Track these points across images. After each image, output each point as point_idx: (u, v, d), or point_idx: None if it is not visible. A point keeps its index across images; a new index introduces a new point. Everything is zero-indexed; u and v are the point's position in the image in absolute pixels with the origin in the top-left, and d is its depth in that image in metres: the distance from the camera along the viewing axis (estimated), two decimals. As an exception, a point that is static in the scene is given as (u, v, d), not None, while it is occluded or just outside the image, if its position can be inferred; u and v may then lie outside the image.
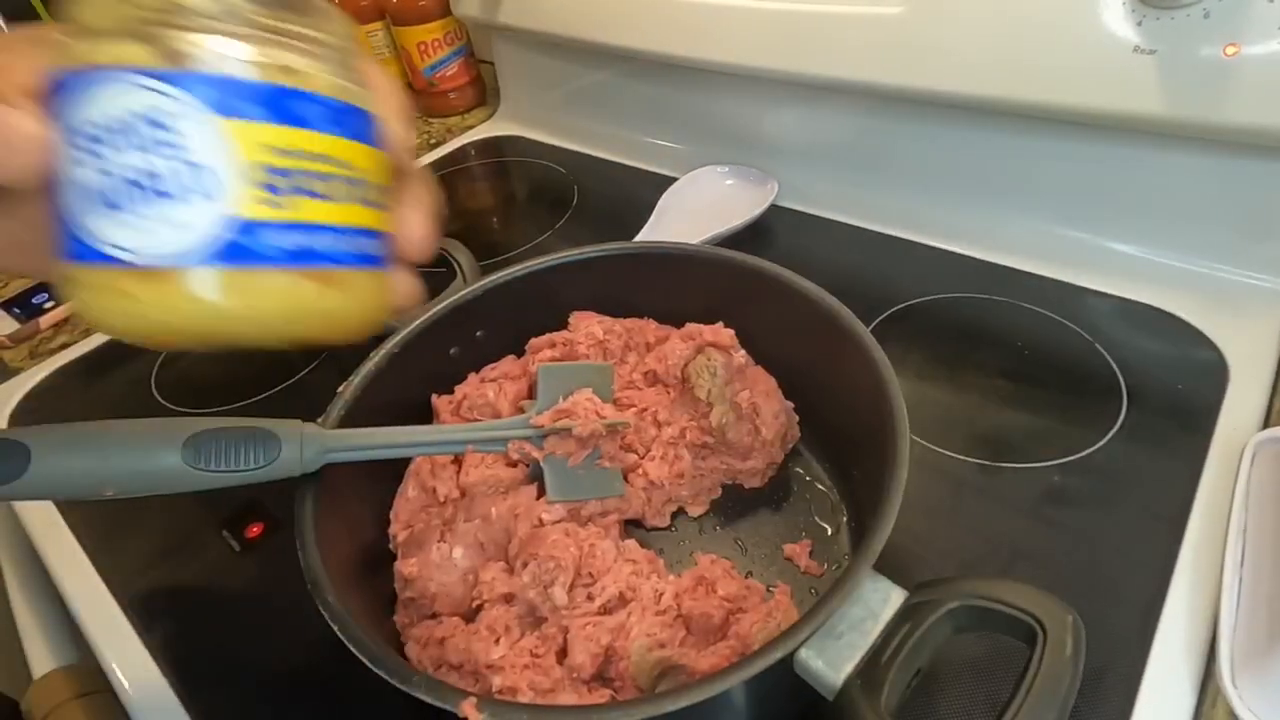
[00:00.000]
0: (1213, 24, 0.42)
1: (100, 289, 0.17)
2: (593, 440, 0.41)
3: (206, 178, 0.16)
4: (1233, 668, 0.32)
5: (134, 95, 0.16)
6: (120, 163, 0.16)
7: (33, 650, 0.56)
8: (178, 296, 0.17)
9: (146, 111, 0.16)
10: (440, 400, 0.46)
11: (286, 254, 0.17)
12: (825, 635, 0.28)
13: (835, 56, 0.58)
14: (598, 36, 0.72)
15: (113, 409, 0.59)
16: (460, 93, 0.95)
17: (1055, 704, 0.25)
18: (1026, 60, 0.50)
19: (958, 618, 0.29)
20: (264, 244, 0.17)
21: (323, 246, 0.18)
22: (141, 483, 0.32)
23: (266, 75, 0.17)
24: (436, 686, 0.28)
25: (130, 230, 0.16)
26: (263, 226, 0.17)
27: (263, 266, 0.17)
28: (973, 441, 0.46)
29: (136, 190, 0.16)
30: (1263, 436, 0.40)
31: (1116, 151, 0.52)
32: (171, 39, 0.16)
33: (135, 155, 0.16)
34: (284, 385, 0.58)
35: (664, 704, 0.26)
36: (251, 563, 0.46)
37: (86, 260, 0.17)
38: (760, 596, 0.37)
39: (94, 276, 0.17)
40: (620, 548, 0.40)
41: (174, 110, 0.16)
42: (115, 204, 0.16)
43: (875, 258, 0.62)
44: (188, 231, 0.16)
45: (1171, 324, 0.51)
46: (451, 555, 0.39)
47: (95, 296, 0.17)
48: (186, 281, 0.17)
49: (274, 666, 0.41)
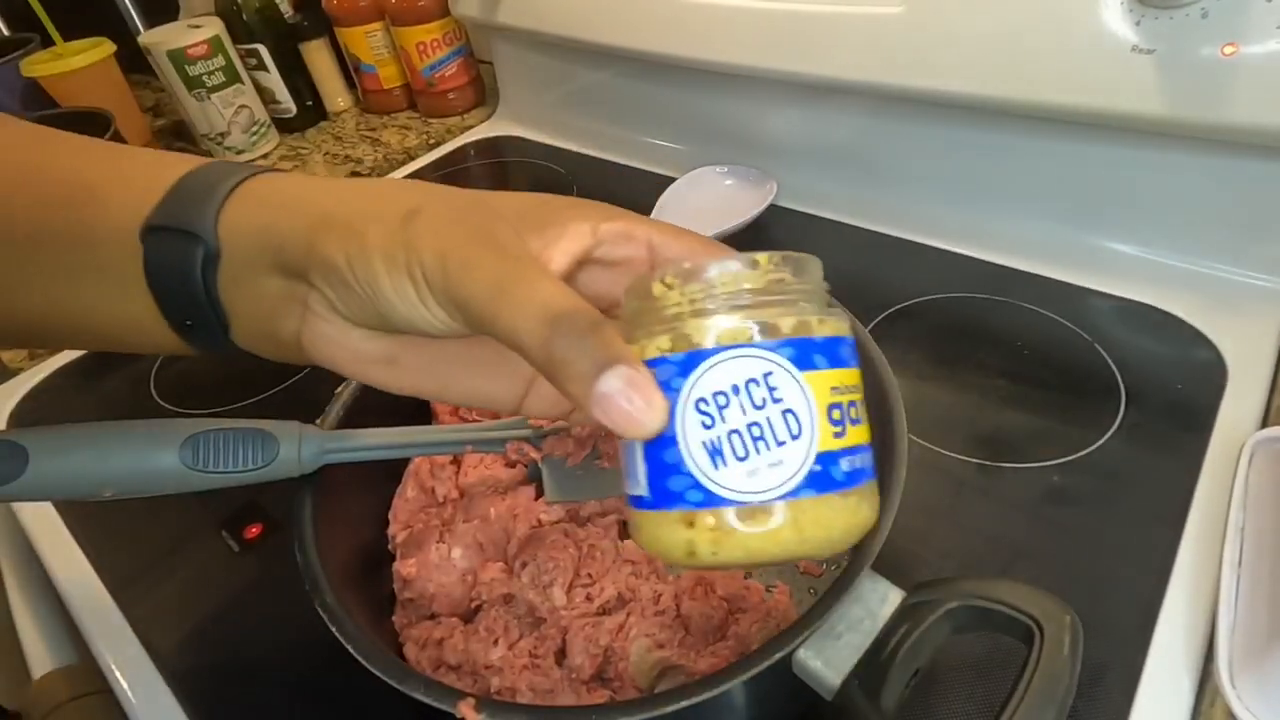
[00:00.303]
0: (1211, 23, 0.42)
1: (709, 531, 0.20)
2: (591, 440, 0.41)
3: (798, 422, 0.20)
4: (1231, 667, 0.32)
5: (745, 366, 0.20)
6: (732, 421, 0.20)
7: (31, 651, 0.56)
8: (779, 525, 0.20)
9: (753, 375, 0.20)
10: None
11: (848, 476, 0.21)
12: (824, 635, 0.28)
13: (835, 56, 0.58)
14: (597, 36, 0.72)
15: (112, 409, 0.59)
16: (459, 93, 0.95)
17: (1053, 704, 0.25)
18: (1025, 60, 0.50)
19: (956, 618, 0.29)
20: (835, 471, 0.21)
21: (863, 463, 0.22)
22: (140, 483, 0.32)
23: (820, 330, 0.21)
24: (434, 687, 0.28)
25: (742, 474, 0.20)
26: (834, 455, 0.21)
27: (834, 492, 0.21)
28: (972, 441, 0.46)
29: (748, 441, 0.20)
30: (1261, 436, 0.40)
31: (1116, 151, 0.52)
32: (764, 315, 0.20)
33: (745, 414, 0.20)
34: (282, 386, 0.58)
35: (663, 704, 0.26)
36: (250, 563, 0.46)
37: (706, 506, 0.20)
38: (759, 597, 0.37)
39: (707, 519, 0.20)
40: (619, 548, 0.40)
41: (773, 371, 0.20)
42: (726, 456, 0.20)
43: (875, 258, 0.62)
44: (786, 469, 0.20)
45: (1171, 324, 0.51)
46: (450, 556, 0.39)
47: (700, 536, 0.20)
48: (785, 513, 0.20)
49: (272, 667, 0.41)
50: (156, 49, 0.84)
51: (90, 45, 0.94)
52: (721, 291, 0.21)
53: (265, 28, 0.91)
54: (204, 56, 0.85)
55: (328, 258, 0.23)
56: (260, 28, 0.90)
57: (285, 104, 0.96)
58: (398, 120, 0.98)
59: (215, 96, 0.88)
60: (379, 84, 0.97)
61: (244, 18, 0.89)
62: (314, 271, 0.24)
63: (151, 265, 0.26)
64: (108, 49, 0.94)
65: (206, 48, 0.85)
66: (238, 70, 0.89)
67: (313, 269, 0.24)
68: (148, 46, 0.85)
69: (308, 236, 0.24)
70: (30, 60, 0.92)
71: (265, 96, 0.94)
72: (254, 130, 0.92)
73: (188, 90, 0.87)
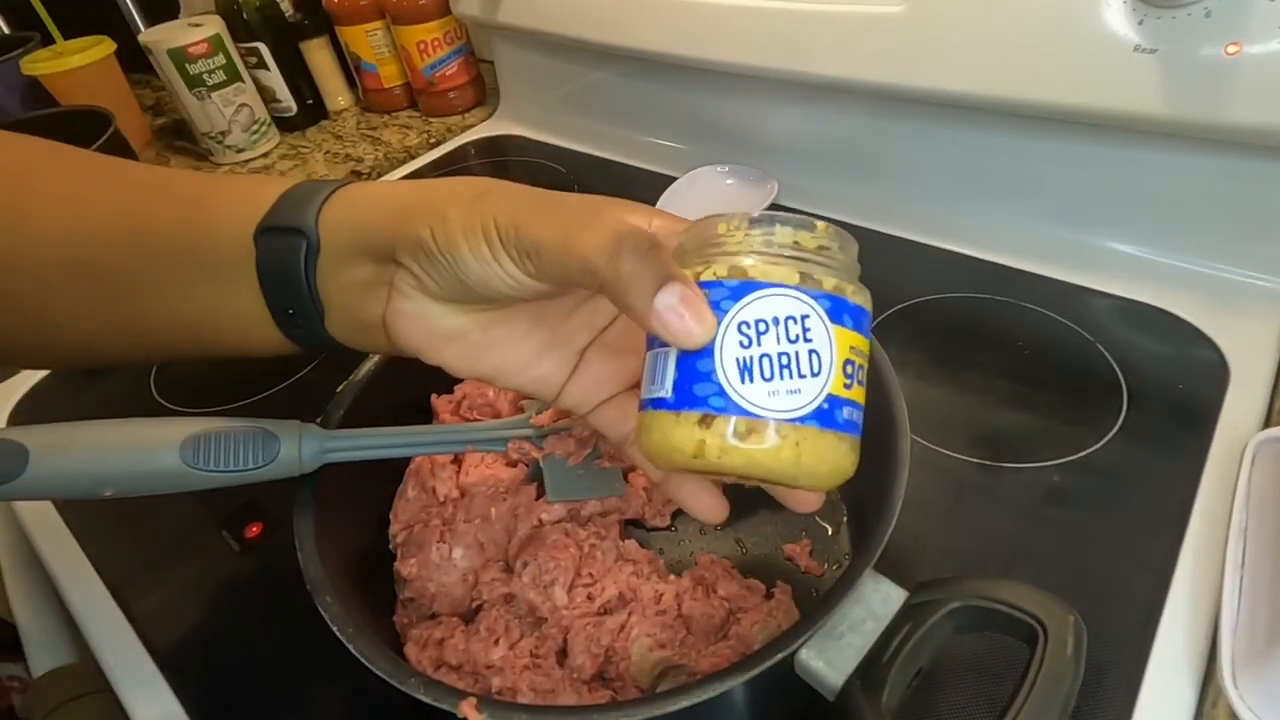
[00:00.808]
0: (1214, 23, 0.42)
1: (721, 434, 0.23)
2: (592, 440, 0.41)
3: (820, 363, 0.23)
4: (1233, 667, 0.32)
5: (788, 304, 0.23)
6: (766, 346, 0.23)
7: (32, 650, 0.56)
8: (780, 443, 0.23)
9: (792, 314, 0.23)
10: (440, 400, 0.46)
11: (847, 423, 0.24)
12: (826, 635, 0.28)
13: (835, 56, 0.58)
14: (598, 36, 0.72)
15: (112, 409, 0.59)
16: (460, 92, 0.95)
17: (1056, 704, 0.25)
18: (1027, 60, 0.49)
19: (958, 618, 0.29)
20: (839, 414, 0.24)
21: (857, 419, 0.25)
22: (140, 483, 0.32)
23: (853, 298, 0.24)
24: (435, 687, 0.28)
25: (763, 392, 0.23)
26: (841, 401, 0.24)
27: (833, 430, 0.24)
28: (973, 441, 0.46)
29: (776, 366, 0.23)
30: (1263, 436, 0.40)
31: (1117, 151, 0.52)
32: (811, 269, 0.24)
33: (779, 343, 0.23)
34: (283, 385, 0.58)
35: (664, 704, 0.26)
36: (251, 563, 0.46)
37: (725, 412, 0.23)
38: (761, 597, 0.37)
39: (722, 424, 0.23)
40: (620, 548, 0.40)
41: (810, 315, 0.23)
42: (755, 374, 0.23)
43: (875, 257, 0.61)
44: (801, 398, 0.23)
45: (1172, 324, 0.51)
46: (451, 555, 0.39)
47: (712, 437, 0.23)
48: (790, 434, 0.23)
49: (273, 667, 0.41)
50: (157, 47, 0.84)
51: (90, 44, 0.94)
52: (779, 241, 0.24)
53: (266, 26, 0.90)
54: (204, 55, 0.85)
55: (413, 233, 0.26)
56: (261, 26, 0.90)
57: (286, 103, 0.96)
58: (398, 119, 0.98)
59: (216, 95, 0.88)
60: (379, 83, 0.97)
61: (244, 16, 0.89)
62: (401, 249, 0.27)
63: (262, 262, 0.30)
64: (108, 47, 0.94)
65: (207, 46, 0.85)
66: (238, 69, 0.89)
67: (400, 247, 0.27)
68: (148, 45, 0.85)
69: (394, 220, 0.27)
70: (30, 59, 0.92)
71: (266, 95, 0.94)
72: (254, 129, 0.92)
73: (188, 89, 0.86)
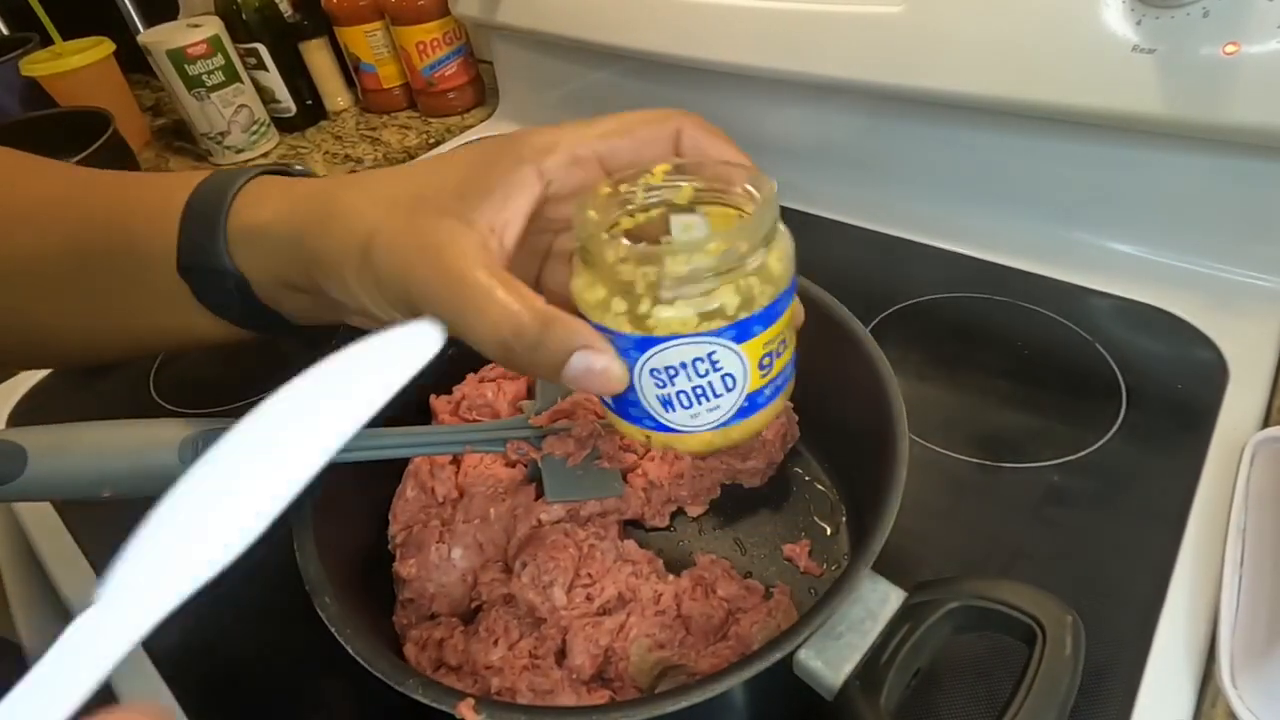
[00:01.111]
0: (1212, 23, 0.42)
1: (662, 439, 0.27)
2: (591, 440, 0.41)
3: (733, 380, 0.25)
4: (1233, 668, 0.32)
5: (691, 350, 0.24)
6: (680, 385, 0.25)
7: (32, 650, 0.56)
8: (707, 441, 0.27)
9: (699, 355, 0.24)
10: (438, 401, 0.46)
11: (768, 398, 0.26)
12: (825, 636, 0.28)
13: (835, 56, 0.58)
14: (598, 36, 0.72)
15: (111, 409, 0.59)
16: (459, 92, 0.95)
17: (1055, 704, 0.25)
18: (1026, 60, 0.49)
19: (957, 618, 0.29)
20: (759, 399, 0.26)
21: (783, 382, 0.27)
22: (139, 483, 0.32)
23: (760, 301, 0.24)
24: (433, 687, 0.28)
25: (686, 416, 0.26)
26: (760, 390, 0.26)
27: (758, 411, 0.26)
28: (972, 441, 0.46)
29: (692, 397, 0.25)
30: (1262, 436, 0.40)
31: (1116, 151, 0.52)
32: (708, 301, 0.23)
33: (691, 380, 0.25)
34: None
35: (664, 705, 0.26)
36: (250, 563, 0.46)
37: (659, 430, 0.27)
38: (760, 597, 0.37)
39: (659, 435, 0.27)
40: (619, 548, 0.40)
41: (715, 350, 0.24)
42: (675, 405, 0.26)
43: (875, 257, 0.62)
44: (721, 411, 0.26)
45: (1171, 324, 0.51)
46: (450, 556, 0.39)
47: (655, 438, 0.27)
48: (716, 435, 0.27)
49: (272, 667, 0.41)
50: (156, 48, 0.84)
51: (90, 44, 0.94)
52: (671, 278, 0.23)
53: (265, 27, 0.90)
54: (203, 56, 0.85)
55: (324, 284, 0.28)
56: (260, 27, 0.90)
57: (285, 103, 0.96)
58: (398, 119, 0.98)
59: (215, 96, 0.88)
60: (379, 83, 0.97)
61: (243, 17, 0.89)
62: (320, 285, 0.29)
63: (200, 295, 0.31)
64: (107, 48, 0.94)
65: (206, 47, 0.85)
66: (237, 69, 0.89)
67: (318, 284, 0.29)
68: (147, 46, 0.85)
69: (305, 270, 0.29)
70: (30, 59, 0.92)
71: (265, 96, 0.94)
72: (254, 129, 0.92)
73: (187, 90, 0.86)
